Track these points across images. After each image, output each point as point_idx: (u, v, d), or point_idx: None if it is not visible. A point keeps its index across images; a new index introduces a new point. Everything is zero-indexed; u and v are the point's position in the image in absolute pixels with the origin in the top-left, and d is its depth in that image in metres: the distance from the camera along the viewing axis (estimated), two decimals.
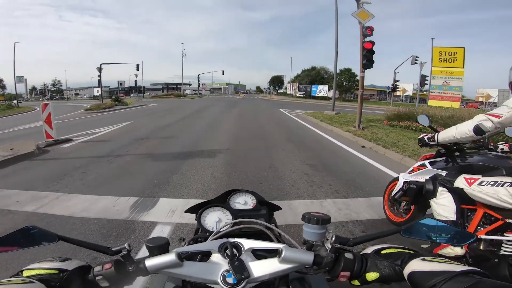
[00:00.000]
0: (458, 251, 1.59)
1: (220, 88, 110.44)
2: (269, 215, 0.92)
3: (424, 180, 1.95)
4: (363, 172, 4.28)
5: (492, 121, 1.54)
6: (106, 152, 5.31)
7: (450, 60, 17.83)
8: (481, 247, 1.55)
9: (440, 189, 1.74)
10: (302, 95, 46.36)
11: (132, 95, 55.03)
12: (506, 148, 1.97)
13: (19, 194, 3.20)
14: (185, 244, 0.75)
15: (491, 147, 2.03)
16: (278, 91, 72.14)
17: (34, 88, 76.98)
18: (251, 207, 0.92)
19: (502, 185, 1.44)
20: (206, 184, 3.58)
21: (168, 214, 2.74)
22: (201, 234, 0.83)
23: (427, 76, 19.48)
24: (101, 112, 16.57)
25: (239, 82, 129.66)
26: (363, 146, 6.16)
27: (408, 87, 40.59)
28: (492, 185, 1.48)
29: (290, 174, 4.03)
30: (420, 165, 2.18)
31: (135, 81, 44.04)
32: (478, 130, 1.58)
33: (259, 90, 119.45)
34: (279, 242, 0.70)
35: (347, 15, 8.74)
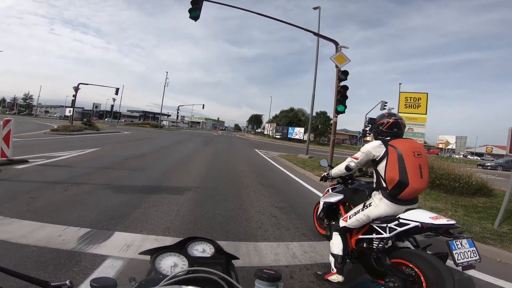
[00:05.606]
0: (340, 279, 2.13)
1: (198, 122, 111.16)
2: (227, 264, 0.92)
3: (332, 201, 2.82)
4: None
5: (354, 162, 2.30)
6: (64, 179, 4.90)
7: (414, 106, 18.05)
8: (364, 245, 2.18)
9: (334, 233, 2.33)
10: (278, 136, 47.85)
11: (106, 119, 52.91)
12: None
13: None
14: (135, 284, 0.71)
15: (369, 174, 2.73)
16: (256, 130, 74.13)
17: (3, 100, 72.35)
18: (209, 255, 0.92)
19: (359, 212, 2.20)
20: (169, 221, 3.37)
21: (122, 248, 2.52)
22: (154, 275, 0.79)
23: None
24: (68, 135, 15.62)
25: (218, 118, 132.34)
26: None
27: None
28: (355, 214, 2.23)
29: (259, 216, 3.97)
30: (326, 191, 3.08)
31: (112, 106, 42.92)
32: (347, 168, 2.41)
33: (237, 128, 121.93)
34: None
35: (326, 57, 9.19)
